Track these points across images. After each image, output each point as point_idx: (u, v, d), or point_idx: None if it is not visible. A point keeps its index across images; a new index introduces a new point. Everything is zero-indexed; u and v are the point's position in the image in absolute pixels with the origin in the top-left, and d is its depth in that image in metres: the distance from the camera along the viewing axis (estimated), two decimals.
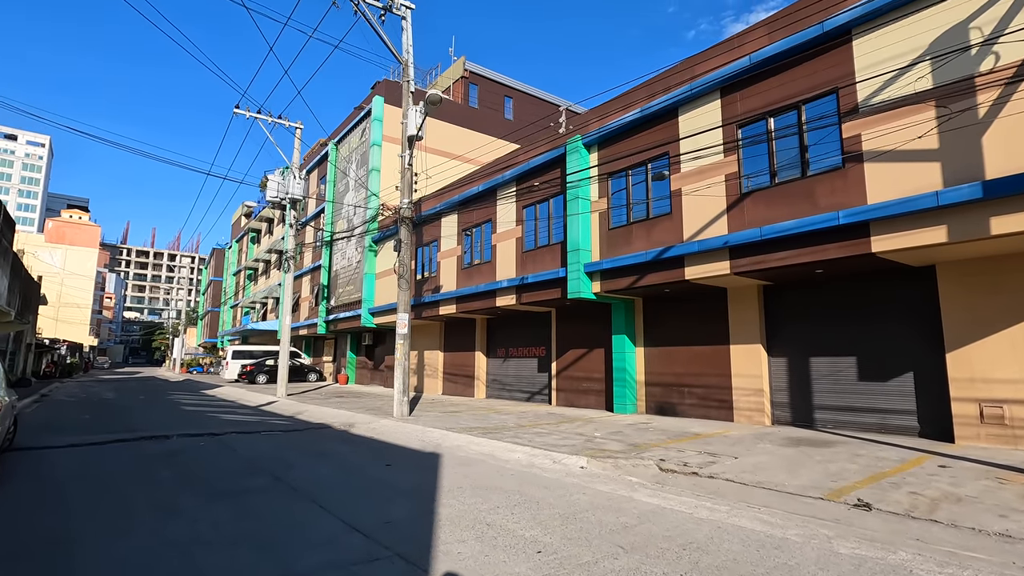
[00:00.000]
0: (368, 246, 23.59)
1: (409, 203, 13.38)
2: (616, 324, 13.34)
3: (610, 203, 12.57)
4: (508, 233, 15.68)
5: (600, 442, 8.82)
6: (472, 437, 9.36)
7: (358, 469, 7.07)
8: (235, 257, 53.02)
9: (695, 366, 11.96)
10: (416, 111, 13.21)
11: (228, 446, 8.79)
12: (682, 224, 10.83)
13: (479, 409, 14.47)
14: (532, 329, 16.90)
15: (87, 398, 20.20)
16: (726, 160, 10.14)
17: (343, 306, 25.75)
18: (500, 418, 12.31)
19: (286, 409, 15.66)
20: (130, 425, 11.56)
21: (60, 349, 42.10)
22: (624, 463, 7.20)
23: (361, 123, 26.12)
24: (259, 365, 28.70)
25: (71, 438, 9.55)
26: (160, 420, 12.64)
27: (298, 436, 10.17)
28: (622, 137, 12.23)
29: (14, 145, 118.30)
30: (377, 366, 26.81)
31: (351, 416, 13.13)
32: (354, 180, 26.24)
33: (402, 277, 13.07)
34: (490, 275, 16.22)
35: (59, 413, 14.44)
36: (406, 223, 13.34)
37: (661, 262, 10.96)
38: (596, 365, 14.34)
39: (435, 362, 21.25)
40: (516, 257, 15.26)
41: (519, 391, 17.26)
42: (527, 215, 15.11)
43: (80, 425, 11.74)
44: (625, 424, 11.10)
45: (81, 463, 7.34)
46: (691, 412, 11.91)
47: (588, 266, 12.44)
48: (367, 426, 11.61)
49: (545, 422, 11.54)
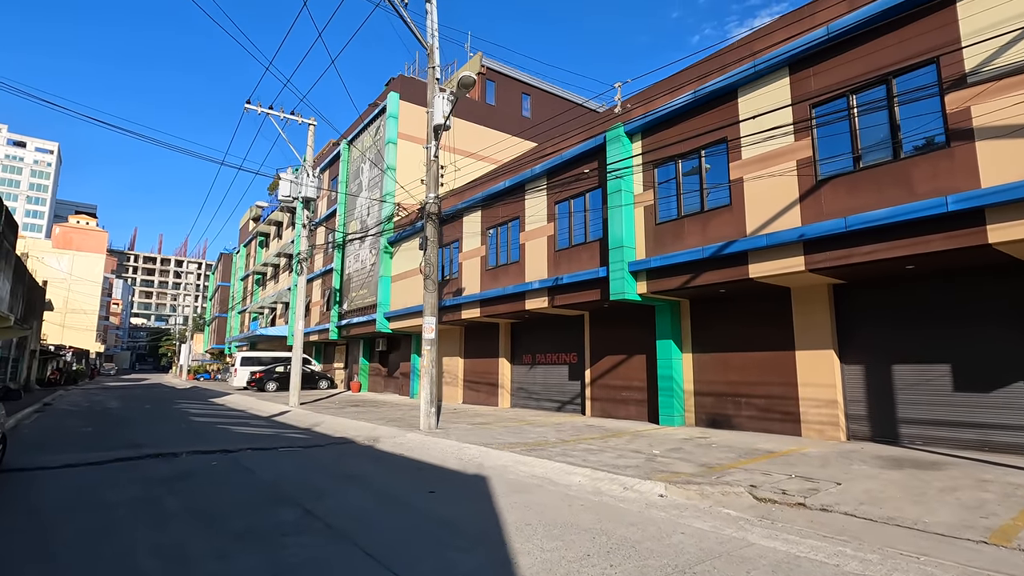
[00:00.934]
0: (383, 248, 22.62)
1: (435, 197, 12.39)
2: (661, 328, 12.26)
3: (657, 195, 11.52)
4: (538, 231, 14.65)
5: (664, 461, 7.74)
6: (516, 455, 8.30)
7: (399, 498, 6.01)
8: (243, 262, 52.25)
9: (753, 374, 10.85)
10: (443, 98, 12.25)
11: (244, 466, 7.76)
12: (744, 216, 9.76)
13: (509, 420, 13.40)
14: (562, 334, 15.83)
15: (90, 407, 19.26)
16: (797, 144, 9.08)
17: (356, 311, 24.77)
18: (537, 431, 11.24)
19: (301, 420, 14.63)
20: (134, 440, 10.56)
21: (65, 355, 41.33)
22: (710, 490, 6.12)
23: (375, 121, 25.23)
24: (269, 372, 27.76)
25: (68, 456, 8.55)
26: (167, 433, 11.64)
27: (320, 453, 9.14)
28: (670, 123, 11.19)
29: (23, 152, 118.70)
30: (391, 373, 25.79)
31: (373, 429, 12.09)
32: (368, 180, 25.32)
33: (428, 278, 12.05)
34: (518, 276, 15.19)
35: (59, 425, 13.47)
36: (432, 219, 12.33)
37: (720, 259, 9.89)
38: (636, 373, 13.25)
39: (455, 369, 20.20)
40: (548, 256, 14.22)
41: (548, 400, 16.17)
42: (560, 211, 14.07)
43: (80, 439, 10.75)
44: (679, 439, 10.01)
45: (75, 490, 6.32)
46: (749, 425, 10.79)
47: (633, 264, 11.38)
48: (393, 441, 10.56)
49: (589, 436, 10.45)
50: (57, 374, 34.52)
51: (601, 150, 12.57)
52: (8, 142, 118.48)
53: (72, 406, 19.93)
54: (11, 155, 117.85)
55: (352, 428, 12.53)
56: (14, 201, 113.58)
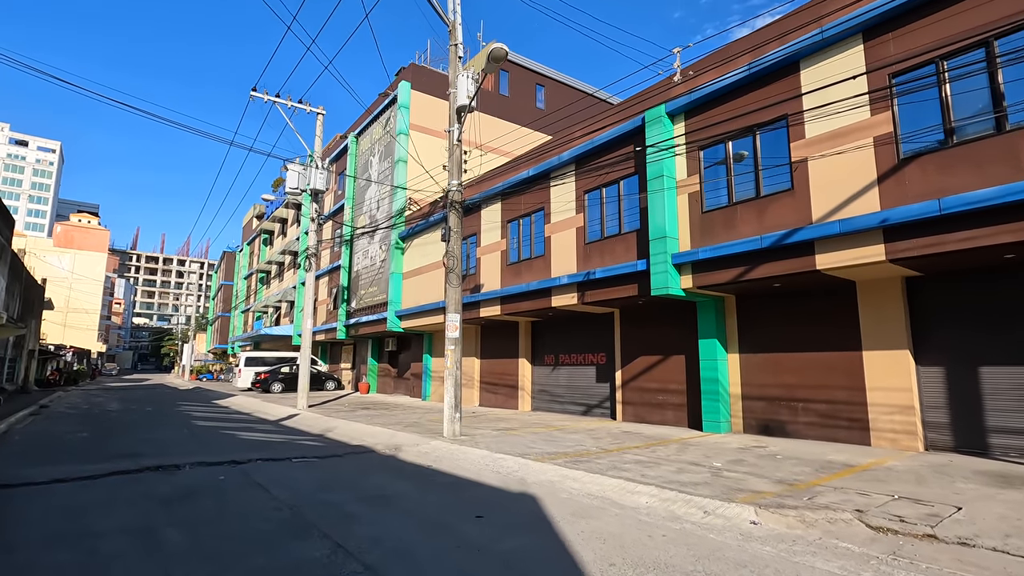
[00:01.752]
0: (394, 243, 21.67)
1: (458, 184, 11.44)
2: (704, 326, 11.29)
3: (703, 181, 10.55)
4: (566, 222, 13.68)
5: (733, 477, 6.78)
6: (561, 468, 7.34)
7: (445, 525, 5.06)
8: (246, 260, 51.37)
9: (811, 376, 9.87)
10: (467, 77, 11.31)
11: (256, 482, 6.81)
12: (809, 201, 8.78)
13: (535, 425, 12.43)
14: (589, 333, 14.86)
15: (89, 410, 18.35)
16: (874, 119, 8.10)
17: (365, 309, 23.83)
18: (571, 438, 10.27)
19: (312, 424, 13.69)
20: (133, 448, 9.62)
21: (65, 355, 40.46)
22: (811, 516, 5.15)
23: (384, 112, 24.29)
24: (274, 373, 26.84)
25: (59, 468, 7.61)
26: (169, 440, 10.71)
27: (339, 465, 8.18)
28: (719, 101, 10.22)
29: (24, 151, 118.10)
30: (401, 374, 24.84)
31: (392, 435, 11.14)
32: (377, 173, 24.37)
33: (451, 271, 11.10)
34: (543, 271, 14.22)
35: (53, 430, 12.55)
36: (455, 208, 11.39)
37: (781, 249, 8.91)
38: (674, 375, 12.28)
39: (470, 370, 19.24)
40: (577, 249, 13.25)
41: (573, 404, 15.21)
42: (590, 200, 13.11)
43: (74, 447, 9.82)
44: (734, 448, 9.03)
45: (61, 514, 5.38)
46: (808, 432, 9.81)
47: (677, 257, 10.41)
48: (417, 450, 9.61)
49: (631, 444, 9.48)
50: (56, 374, 33.65)
51: (639, 133, 11.60)
52: (10, 141, 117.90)
53: (70, 408, 19.02)
54: (13, 154, 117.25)
55: (368, 434, 11.58)
56: (16, 200, 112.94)
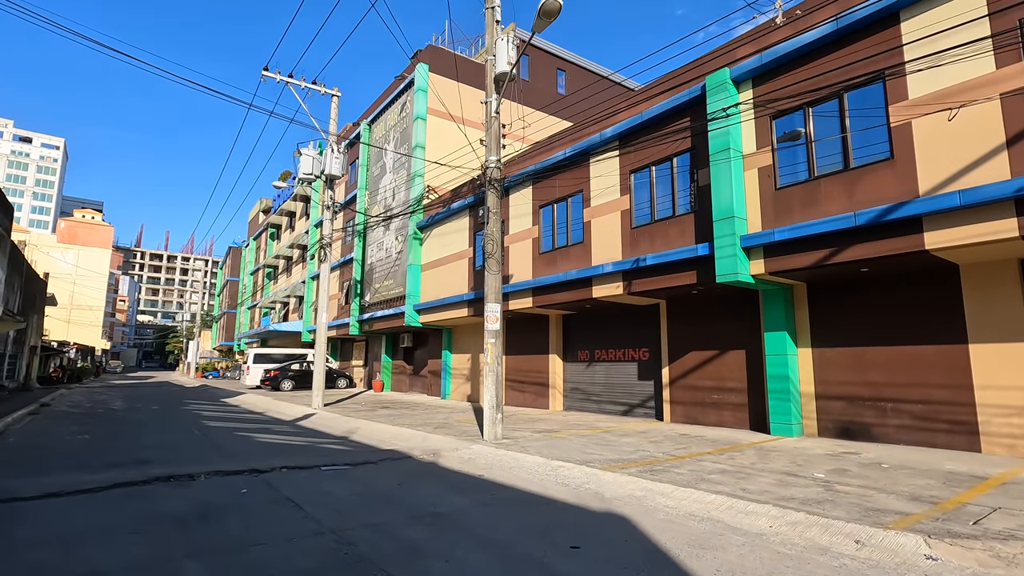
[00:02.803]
0: (412, 234, 20.58)
1: (497, 161, 10.33)
2: (770, 318, 10.17)
3: (776, 154, 9.40)
4: (608, 206, 12.55)
5: (851, 491, 5.66)
6: (638, 480, 6.24)
7: (534, 562, 3.95)
8: (252, 255, 50.39)
9: (902, 373, 8.74)
10: (507, 41, 10.19)
11: (285, 497, 5.73)
12: (915, 171, 7.64)
13: (577, 427, 11.33)
14: (630, 327, 13.74)
15: (92, 408, 17.34)
16: (1001, 72, 6.95)
17: (380, 303, 22.76)
18: (626, 442, 9.17)
19: (331, 425, 12.62)
20: (140, 453, 8.56)
21: (69, 352, 39.56)
22: (1004, 549, 4.04)
23: (400, 96, 23.17)
24: (284, 370, 25.83)
25: (54, 478, 6.55)
26: (179, 443, 9.65)
27: (375, 474, 7.10)
28: (797, 63, 9.07)
29: (28, 147, 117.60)
30: (417, 371, 23.77)
31: (424, 438, 10.06)
32: (392, 161, 23.27)
33: (491, 256, 10.00)
34: (582, 259, 13.10)
35: (53, 431, 11.52)
36: (494, 187, 10.28)
37: (879, 228, 7.77)
38: (732, 371, 11.16)
39: None
40: (622, 235, 12.12)
41: (611, 403, 14.10)
42: (637, 181, 11.97)
43: (74, 452, 8.77)
44: (821, 454, 7.91)
45: (50, 544, 4.30)
46: (899, 437, 8.68)
47: (747, 239, 9.28)
48: (459, 455, 8.51)
49: (700, 450, 8.37)
50: (59, 371, 32.72)
51: (697, 104, 10.46)
52: (14, 138, 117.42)
53: (72, 407, 18.01)
54: (17, 151, 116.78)
55: (397, 437, 10.50)
56: (20, 197, 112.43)
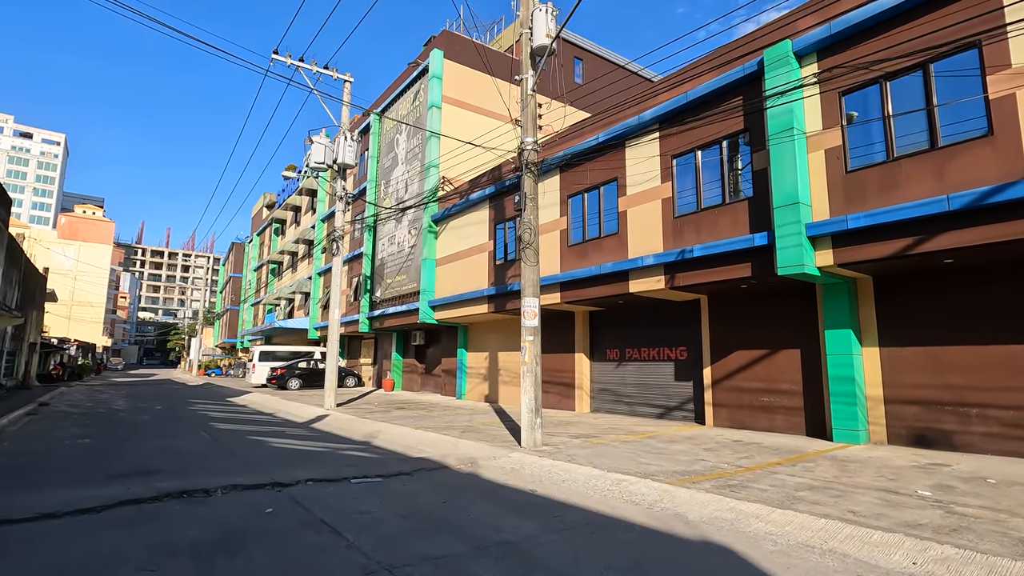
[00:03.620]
0: (427, 227, 19.74)
1: (534, 142, 9.50)
2: (832, 314, 9.32)
3: (846, 133, 8.55)
4: (647, 194, 11.71)
5: (981, 514, 4.81)
6: (721, 499, 5.42)
7: None
8: (256, 251, 49.55)
9: (990, 376, 7.90)
10: (545, 12, 9.36)
11: (320, 519, 4.89)
12: (1021, 148, 6.79)
13: (615, 431, 10.49)
14: (665, 324, 12.91)
15: (93, 408, 16.53)
16: None
17: (393, 299, 21.93)
18: (679, 450, 8.34)
19: (348, 428, 11.80)
20: (146, 461, 7.74)
21: (69, 349, 38.78)
22: None
23: (413, 85, 22.30)
24: (290, 368, 25.03)
25: (51, 494, 5.73)
26: (188, 449, 8.83)
27: (415, 488, 6.26)
28: (872, 32, 8.22)
29: (29, 143, 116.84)
30: (430, 370, 22.95)
31: (454, 444, 9.23)
32: (405, 152, 22.41)
33: (529, 246, 9.16)
34: (617, 252, 12.26)
35: (50, 434, 10.70)
36: (531, 170, 9.44)
37: (977, 212, 6.92)
38: (784, 372, 10.32)
39: (514, 366, 17.33)
40: (663, 225, 11.27)
41: (645, 404, 13.27)
42: (680, 167, 11.12)
43: (73, 459, 7.95)
44: (906, 465, 7.07)
45: None
46: (986, 446, 7.84)
47: (814, 227, 8.43)
48: (500, 465, 7.68)
49: (766, 460, 7.53)
50: (59, 369, 31.92)
51: (752, 80, 9.61)
52: (15, 133, 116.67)
53: (72, 407, 17.20)
54: (17, 146, 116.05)
55: (424, 442, 9.67)
56: (20, 193, 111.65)
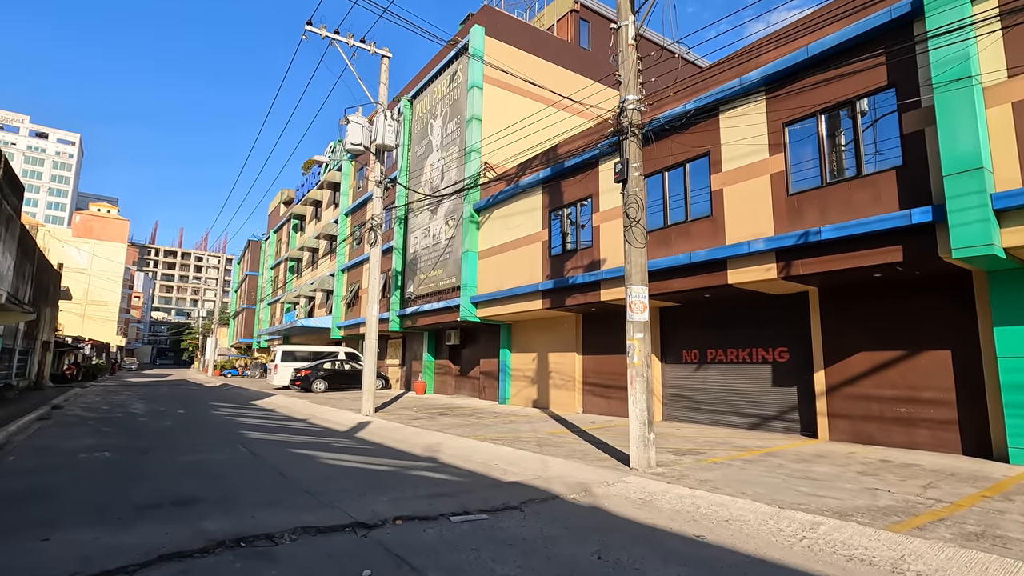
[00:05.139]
0: (468, 216, 18.20)
1: (637, 101, 7.90)
2: (1004, 309, 7.63)
3: None
4: (750, 169, 10.08)
5: None
6: (1002, 560, 3.81)
7: None
8: (273, 249, 48.34)
9: None
10: None
11: None
12: None
13: (716, 445, 8.83)
14: (758, 320, 11.26)
15: (109, 412, 15.14)
16: None
17: (428, 296, 20.41)
18: (824, 473, 6.68)
19: (401, 439, 10.24)
20: (181, 484, 6.23)
21: (84, 348, 37.70)
22: None
23: (450, 66, 20.80)
24: (315, 369, 23.59)
25: (61, 541, 4.21)
26: (226, 468, 7.32)
27: (539, 530, 4.67)
28: None
29: (44, 143, 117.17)
30: (466, 372, 21.40)
31: (542, 463, 7.65)
32: (440, 138, 20.91)
33: (635, 223, 7.58)
34: (710, 237, 10.63)
35: (63, 446, 9.26)
36: (634, 134, 7.85)
37: None
38: (931, 378, 8.64)
39: (567, 368, 15.74)
40: (774, 204, 9.63)
41: (731, 413, 11.62)
42: (795, 136, 9.48)
43: (91, 481, 6.46)
44: None
45: None
46: None
47: (1003, 198, 6.78)
48: (620, 493, 6.08)
49: (959, 489, 5.86)
50: (73, 368, 30.76)
51: (898, 27, 7.97)
52: (30, 133, 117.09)
53: (87, 410, 15.84)
54: (33, 146, 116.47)
55: (502, 459, 8.08)
56: (36, 193, 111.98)
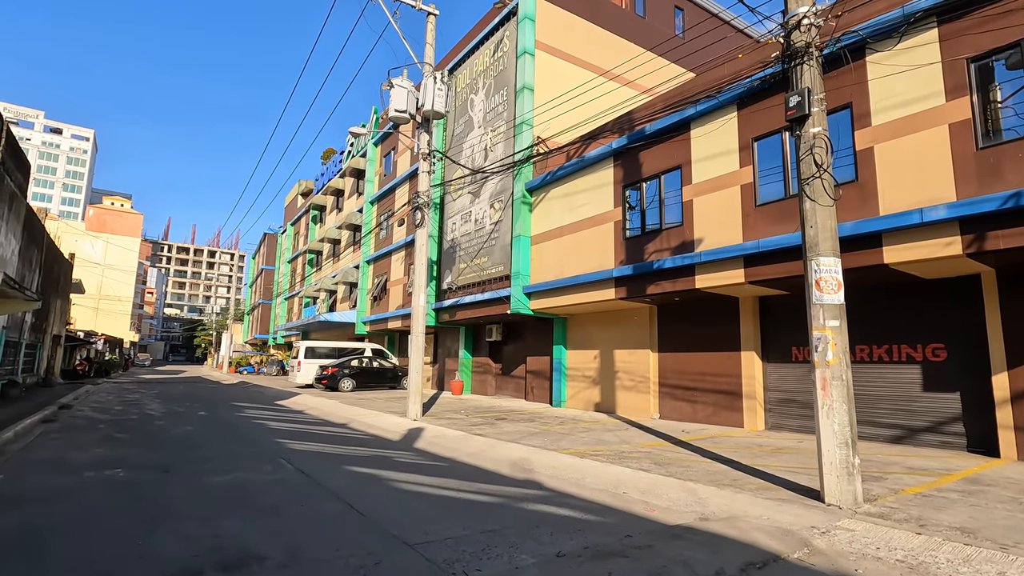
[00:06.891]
0: (520, 197, 16.31)
1: (815, 14, 5.96)
2: None
3: None
4: (913, 120, 8.08)
5: None
6: None
7: None
8: (290, 242, 46.76)
9: None
10: None
11: None
12: None
13: (888, 469, 6.88)
14: (900, 312, 9.27)
15: (123, 414, 13.42)
16: None
17: (470, 287, 18.54)
18: None
19: (473, 452, 8.34)
20: (218, 524, 4.39)
21: (96, 343, 36.29)
22: None
23: (495, 33, 18.90)
24: (343, 366, 21.82)
25: None
26: (275, 497, 5.47)
27: None
28: None
29: (59, 139, 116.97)
30: (508, 371, 19.51)
31: (691, 493, 5.73)
32: (483, 113, 19.03)
33: (822, 172, 5.66)
34: (855, 208, 8.64)
35: (68, 459, 7.48)
36: (812, 57, 5.92)
37: None
38: None
39: (639, 367, 13.80)
40: (955, 161, 7.62)
41: (863, 423, 9.62)
42: (986, 72, 7.49)
43: (95, 519, 4.64)
44: None
45: None
46: None
47: None
48: (859, 550, 4.14)
49: None
50: (85, 364, 29.27)
51: None
52: (45, 129, 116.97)
53: (97, 411, 14.13)
54: (48, 142, 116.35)
55: (632, 485, 6.17)
56: (50, 189, 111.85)
